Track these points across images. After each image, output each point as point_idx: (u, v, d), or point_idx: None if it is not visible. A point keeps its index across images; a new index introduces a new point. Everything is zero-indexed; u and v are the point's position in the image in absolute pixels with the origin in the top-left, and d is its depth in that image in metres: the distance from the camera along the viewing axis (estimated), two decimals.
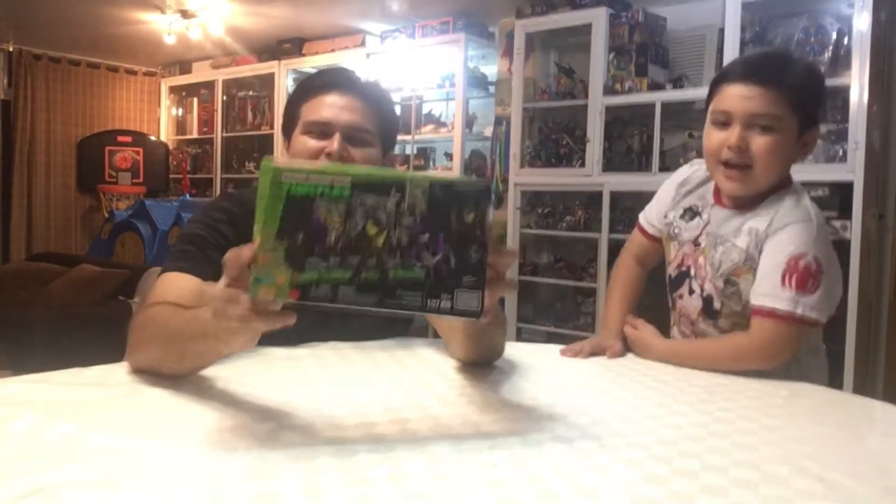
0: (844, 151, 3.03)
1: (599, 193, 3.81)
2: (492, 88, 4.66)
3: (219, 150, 6.16)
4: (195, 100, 6.45)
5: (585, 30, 3.85)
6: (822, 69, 3.12)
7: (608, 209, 3.76)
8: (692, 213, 1.36)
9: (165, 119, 6.76)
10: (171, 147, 6.66)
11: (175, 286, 1.09)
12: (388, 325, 1.33)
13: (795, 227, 1.20)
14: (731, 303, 1.28)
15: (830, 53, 3.12)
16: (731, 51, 3.25)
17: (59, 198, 6.29)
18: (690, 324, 1.37)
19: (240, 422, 0.84)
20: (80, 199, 6.43)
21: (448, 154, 4.72)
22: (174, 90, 6.70)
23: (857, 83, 2.96)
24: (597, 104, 3.79)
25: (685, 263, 1.36)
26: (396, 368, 1.13)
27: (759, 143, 1.20)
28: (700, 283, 1.33)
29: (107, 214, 5.95)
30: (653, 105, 3.59)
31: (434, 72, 4.73)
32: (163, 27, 5.05)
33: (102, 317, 3.57)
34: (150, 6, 4.77)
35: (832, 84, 3.08)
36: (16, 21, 5.32)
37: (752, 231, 1.24)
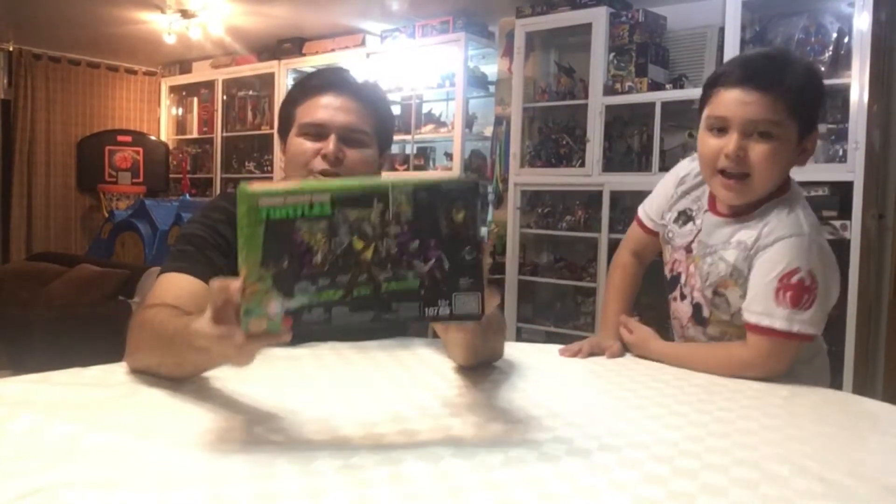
0: (844, 151, 3.03)
1: (599, 193, 3.82)
2: (492, 88, 4.66)
3: (219, 150, 6.15)
4: (195, 99, 6.44)
5: (585, 29, 3.85)
6: (822, 69, 3.12)
7: (608, 209, 3.76)
8: (686, 218, 1.33)
9: (165, 119, 6.76)
10: (171, 147, 6.66)
11: (174, 287, 1.09)
12: (389, 325, 1.33)
13: (786, 243, 1.16)
14: (720, 312, 1.27)
15: (830, 53, 3.13)
16: (732, 50, 3.25)
17: (59, 198, 6.29)
18: (681, 327, 1.37)
19: (240, 422, 0.84)
20: (80, 199, 6.43)
21: (448, 154, 4.72)
22: (174, 90, 6.69)
23: (857, 83, 2.96)
24: (597, 104, 3.79)
25: (676, 269, 1.35)
26: (396, 368, 1.13)
27: (758, 151, 1.15)
28: (690, 291, 1.32)
29: (107, 214, 5.95)
30: (653, 105, 3.59)
31: (434, 71, 4.73)
32: (163, 27, 5.05)
33: (102, 317, 3.57)
34: (150, 6, 4.76)
35: (832, 84, 3.08)
36: (16, 21, 5.32)
37: (740, 245, 1.21)
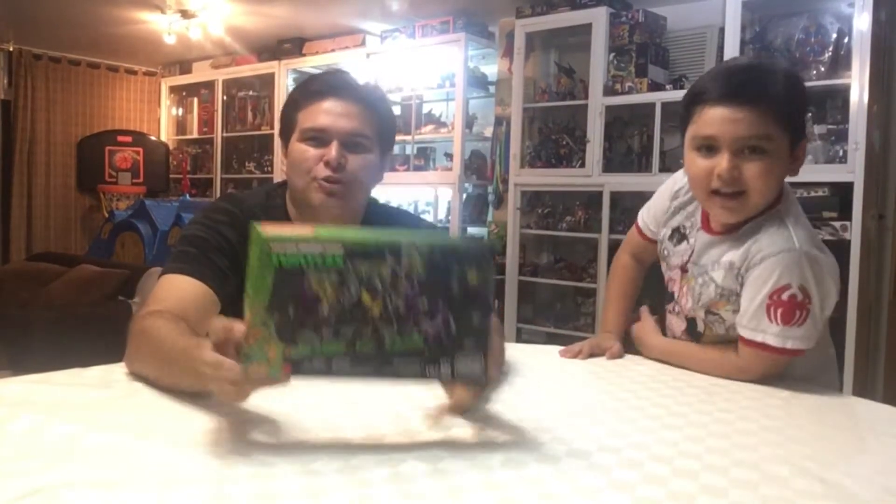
0: (844, 152, 3.03)
1: (599, 194, 3.81)
2: (492, 88, 4.65)
3: (219, 150, 6.15)
4: (195, 100, 6.44)
5: (585, 30, 3.85)
6: (822, 69, 3.13)
7: (608, 209, 3.75)
8: (680, 236, 1.32)
9: (165, 119, 6.75)
10: (172, 147, 6.65)
11: (176, 289, 1.09)
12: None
13: (775, 260, 1.13)
14: (715, 327, 1.26)
15: (830, 53, 3.13)
16: (732, 51, 3.25)
17: (59, 198, 6.29)
18: (674, 337, 1.36)
19: (240, 422, 0.84)
20: (80, 199, 6.43)
21: (448, 154, 4.71)
22: (174, 90, 6.69)
23: (857, 83, 2.96)
24: (597, 104, 3.79)
25: (671, 287, 1.35)
26: None
27: (752, 169, 1.11)
28: (681, 309, 1.31)
29: (107, 214, 5.95)
30: (653, 105, 3.59)
31: (434, 72, 4.72)
32: (163, 27, 5.05)
33: (102, 317, 3.57)
34: (150, 6, 4.76)
35: (832, 84, 3.09)
36: (16, 21, 5.32)
37: (730, 265, 1.20)
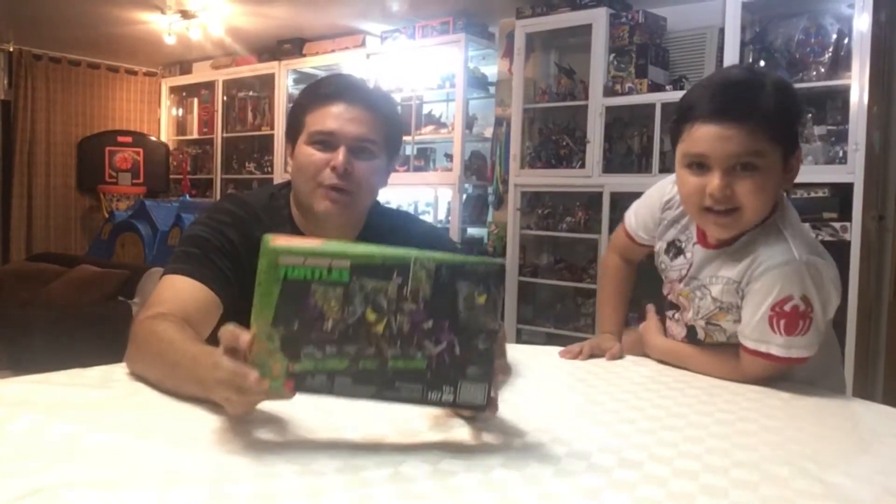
0: (844, 153, 3.03)
1: (599, 194, 3.81)
2: (492, 89, 4.66)
3: (219, 151, 6.15)
4: (195, 100, 6.44)
5: (585, 30, 3.85)
6: (822, 70, 3.13)
7: (608, 210, 3.75)
8: (676, 250, 1.31)
9: (166, 119, 6.76)
10: (172, 147, 6.65)
11: (178, 290, 1.09)
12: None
13: (776, 272, 1.12)
14: (715, 336, 1.26)
15: (830, 54, 3.13)
16: (732, 51, 3.25)
17: (59, 198, 6.29)
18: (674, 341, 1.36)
19: (240, 422, 0.84)
20: (80, 200, 6.43)
21: (448, 155, 4.72)
22: (174, 90, 6.69)
23: (858, 84, 2.96)
24: (597, 105, 3.79)
25: (670, 297, 1.34)
26: None
27: (745, 185, 1.09)
28: (683, 318, 1.31)
29: (107, 215, 5.95)
30: (653, 106, 3.59)
31: (434, 72, 4.72)
32: (163, 27, 5.05)
33: (102, 317, 3.58)
34: (151, 6, 4.77)
35: (832, 85, 3.09)
36: (16, 21, 5.32)
37: (727, 280, 1.19)
